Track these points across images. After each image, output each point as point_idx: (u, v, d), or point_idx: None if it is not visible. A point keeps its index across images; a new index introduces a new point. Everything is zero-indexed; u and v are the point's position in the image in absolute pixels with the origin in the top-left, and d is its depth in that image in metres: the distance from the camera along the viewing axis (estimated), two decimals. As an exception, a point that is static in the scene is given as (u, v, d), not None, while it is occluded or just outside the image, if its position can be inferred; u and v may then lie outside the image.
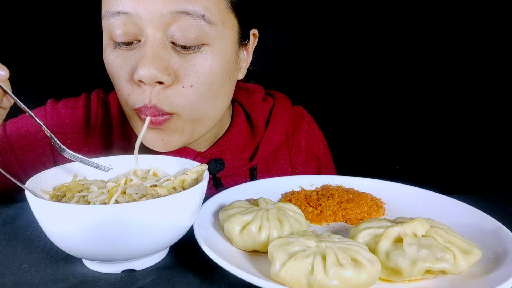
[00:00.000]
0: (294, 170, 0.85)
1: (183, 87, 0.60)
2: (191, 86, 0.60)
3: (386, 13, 1.44)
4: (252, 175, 0.79)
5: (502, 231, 0.53)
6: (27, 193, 0.47)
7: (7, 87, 0.49)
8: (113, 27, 0.58)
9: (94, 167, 0.56)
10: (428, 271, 0.44)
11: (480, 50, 1.40)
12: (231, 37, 0.63)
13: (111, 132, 0.77)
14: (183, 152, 0.73)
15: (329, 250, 0.43)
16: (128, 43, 0.59)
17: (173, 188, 0.56)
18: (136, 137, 0.71)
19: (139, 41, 0.59)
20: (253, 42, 0.72)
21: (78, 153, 0.67)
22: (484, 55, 1.40)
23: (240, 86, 0.83)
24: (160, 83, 0.58)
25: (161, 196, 0.50)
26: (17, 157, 0.75)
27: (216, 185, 0.76)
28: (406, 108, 1.49)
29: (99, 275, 0.50)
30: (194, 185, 0.51)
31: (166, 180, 0.57)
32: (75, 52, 1.35)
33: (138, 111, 0.62)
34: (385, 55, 1.47)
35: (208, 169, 0.69)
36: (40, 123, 0.51)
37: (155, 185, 0.54)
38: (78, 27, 1.34)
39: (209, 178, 0.75)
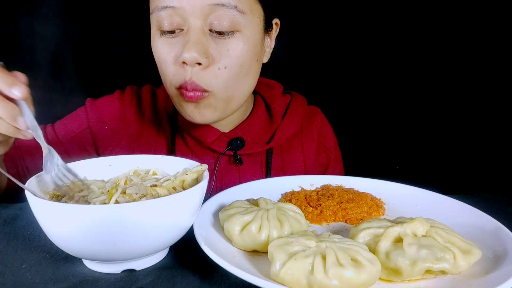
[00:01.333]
0: (305, 158, 0.91)
1: (219, 68, 0.70)
2: (225, 68, 0.70)
3: (387, 14, 1.44)
4: (268, 157, 0.88)
5: (502, 231, 0.53)
6: (27, 193, 0.47)
7: (30, 105, 0.54)
8: (161, 19, 0.69)
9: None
10: (428, 271, 0.44)
11: (480, 50, 1.40)
12: (258, 24, 0.73)
13: (144, 117, 0.88)
14: (209, 131, 0.83)
15: (329, 250, 0.43)
16: (172, 32, 0.70)
17: (173, 188, 0.56)
18: (166, 120, 0.88)
19: (182, 29, 0.69)
20: (275, 30, 0.82)
21: (116, 135, 0.86)
22: (484, 55, 1.40)
23: (261, 81, 0.93)
24: (199, 64, 0.69)
25: (161, 196, 0.50)
26: (66, 149, 0.86)
27: (236, 161, 0.84)
28: (406, 108, 1.49)
29: (99, 275, 0.50)
30: (194, 185, 0.51)
31: (166, 180, 0.57)
32: (75, 52, 1.35)
33: (180, 88, 0.71)
34: (385, 56, 1.47)
35: (231, 146, 0.84)
36: (42, 141, 0.54)
37: (155, 185, 0.54)
38: (78, 27, 1.34)
39: (230, 156, 0.86)
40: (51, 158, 0.55)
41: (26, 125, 0.52)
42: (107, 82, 0.89)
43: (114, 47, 1.33)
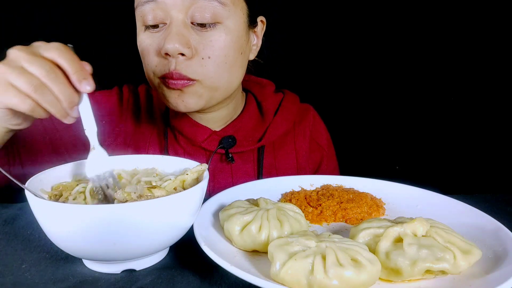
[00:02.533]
0: (298, 156, 0.91)
1: (203, 58, 0.71)
2: (209, 58, 0.71)
3: (386, 14, 1.44)
4: (260, 155, 0.88)
5: (502, 231, 0.53)
6: (27, 193, 0.47)
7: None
8: (145, 13, 0.70)
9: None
10: (428, 271, 0.44)
11: (480, 50, 1.40)
12: (240, 17, 0.73)
13: (140, 114, 0.89)
14: (200, 130, 0.83)
15: (329, 250, 0.43)
16: (155, 26, 0.71)
17: (173, 188, 0.56)
18: (160, 116, 0.87)
19: (165, 24, 0.70)
20: (261, 28, 0.82)
21: (113, 131, 0.86)
22: (484, 55, 1.40)
23: (253, 80, 0.94)
24: (182, 55, 0.69)
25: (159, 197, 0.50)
26: (61, 137, 0.84)
27: (228, 159, 0.84)
28: (406, 108, 1.49)
29: (99, 275, 0.50)
30: (194, 185, 0.51)
31: (166, 180, 0.57)
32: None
33: (165, 76, 0.72)
34: (384, 55, 1.47)
35: (222, 144, 0.83)
36: (95, 139, 0.56)
37: (153, 187, 0.54)
38: (78, 27, 1.34)
39: (222, 154, 0.85)
40: (98, 160, 0.56)
41: (78, 115, 0.54)
42: (106, 81, 0.89)
43: (114, 47, 1.32)
